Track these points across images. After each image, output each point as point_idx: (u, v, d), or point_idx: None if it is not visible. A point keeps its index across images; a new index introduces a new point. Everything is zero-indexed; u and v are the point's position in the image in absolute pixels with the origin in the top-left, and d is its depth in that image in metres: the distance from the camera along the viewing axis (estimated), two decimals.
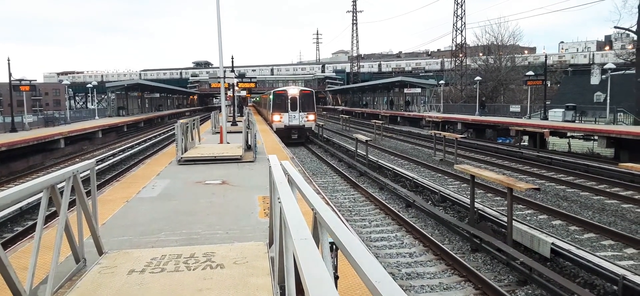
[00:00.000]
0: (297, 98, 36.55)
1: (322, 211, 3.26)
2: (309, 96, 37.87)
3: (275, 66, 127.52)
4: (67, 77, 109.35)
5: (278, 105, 36.64)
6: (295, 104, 36.41)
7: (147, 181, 13.04)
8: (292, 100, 36.41)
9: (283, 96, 36.90)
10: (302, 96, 36.96)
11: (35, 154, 28.73)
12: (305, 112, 36.72)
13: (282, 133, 33.86)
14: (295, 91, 37.49)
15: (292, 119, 36.25)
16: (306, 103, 37.02)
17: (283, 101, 36.49)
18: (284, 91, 37.78)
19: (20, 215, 15.03)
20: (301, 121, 36.50)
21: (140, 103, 71.01)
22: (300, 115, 36.45)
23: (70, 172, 5.23)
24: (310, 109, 37.25)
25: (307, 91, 38.46)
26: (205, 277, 5.27)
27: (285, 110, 36.24)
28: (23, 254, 6.72)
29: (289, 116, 36.24)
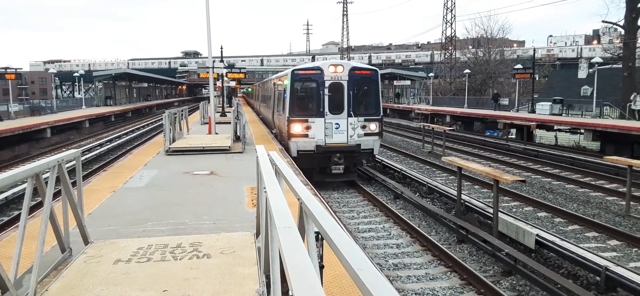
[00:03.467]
0: (344, 86, 17.51)
1: (308, 201, 3.27)
2: (370, 81, 18.46)
3: (265, 57, 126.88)
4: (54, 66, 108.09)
5: (302, 101, 18.14)
6: (340, 98, 17.55)
7: (135, 171, 12.96)
8: (334, 89, 17.54)
9: (314, 82, 17.71)
10: (355, 81, 17.79)
11: (21, 143, 28.38)
12: (362, 116, 17.73)
13: (312, 161, 17.20)
14: (341, 73, 17.61)
15: (333, 132, 17.54)
16: (364, 96, 18.45)
17: (313, 93, 17.77)
18: (316, 72, 17.72)
19: (5, 205, 14.87)
20: (353, 133, 17.63)
21: (128, 93, 70.35)
22: (352, 122, 17.60)
23: (54, 161, 5.18)
24: (371, 109, 18.15)
25: (365, 72, 18.43)
26: (192, 267, 5.28)
27: (318, 112, 17.51)
28: (8, 243, 6.66)
29: (327, 124, 17.48)
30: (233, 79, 37.45)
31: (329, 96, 17.36)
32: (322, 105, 17.40)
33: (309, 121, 17.36)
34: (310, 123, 17.34)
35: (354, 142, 17.57)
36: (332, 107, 17.42)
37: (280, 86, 20.64)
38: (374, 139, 17.91)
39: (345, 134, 17.53)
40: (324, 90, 17.32)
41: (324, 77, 17.37)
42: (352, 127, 17.56)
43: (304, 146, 17.32)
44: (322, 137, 17.38)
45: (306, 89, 18.05)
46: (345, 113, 17.50)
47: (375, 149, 18.14)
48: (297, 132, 17.25)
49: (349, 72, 17.51)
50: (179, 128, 20.02)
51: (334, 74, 17.37)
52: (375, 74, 18.40)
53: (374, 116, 17.93)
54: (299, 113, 17.49)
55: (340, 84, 17.45)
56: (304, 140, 17.31)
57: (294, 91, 17.73)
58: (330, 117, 17.43)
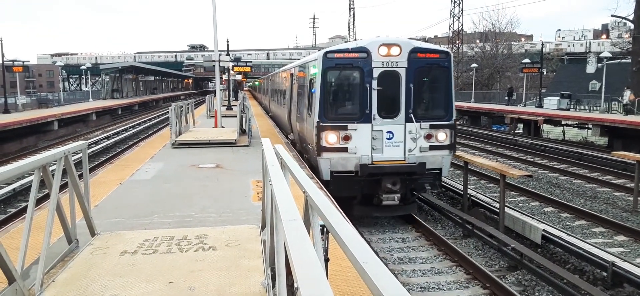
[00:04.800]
0: (401, 76, 11.97)
1: (314, 194, 3.26)
2: (439, 68, 12.51)
3: (271, 50, 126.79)
4: (61, 59, 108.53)
5: (337, 99, 12.91)
6: (395, 93, 12.07)
7: (141, 163, 13.01)
8: (386, 81, 11.98)
9: (357, 69, 12.03)
10: (417, 68, 12.06)
11: (28, 135, 28.58)
12: (427, 120, 12.26)
13: (352, 186, 12.08)
14: (397, 56, 11.90)
15: (383, 144, 12.06)
16: (429, 91, 12.97)
17: (355, 87, 12.25)
18: (360, 55, 11.86)
19: (13, 196, 15.00)
20: (414, 146, 12.17)
21: (134, 86, 70.60)
22: (412, 129, 12.11)
23: (61, 152, 5.20)
24: (440, 110, 12.62)
25: (433, 55, 12.42)
26: (197, 259, 5.29)
27: (362, 114, 11.95)
28: (15, 234, 6.71)
29: (375, 132, 11.97)
30: (239, 73, 37.39)
31: (378, 90, 11.63)
32: (368, 104, 11.62)
33: (349, 128, 11.64)
34: (350, 131, 11.65)
35: (415, 160, 11.87)
36: (382, 108, 11.74)
37: (302, 77, 15.23)
38: (444, 154, 12.18)
39: (402, 148, 11.87)
40: (371, 82, 11.61)
41: (371, 63, 11.60)
42: (412, 137, 11.85)
43: (340, 165, 11.76)
44: (368, 153, 11.71)
45: (344, 81, 12.53)
46: (401, 116, 11.79)
47: (445, 169, 12.50)
48: (331, 144, 11.70)
49: (409, 55, 11.72)
50: (185, 121, 20.07)
51: (386, 57, 11.64)
52: (447, 59, 12.30)
53: (445, 121, 12.16)
54: (334, 117, 11.96)
55: (396, 73, 11.71)
56: (341, 157, 11.71)
57: (327, 83, 11.97)
58: (380, 122, 11.73)
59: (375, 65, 11.73)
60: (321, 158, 11.91)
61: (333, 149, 11.83)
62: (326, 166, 11.97)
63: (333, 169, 11.94)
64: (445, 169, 12.71)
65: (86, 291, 4.45)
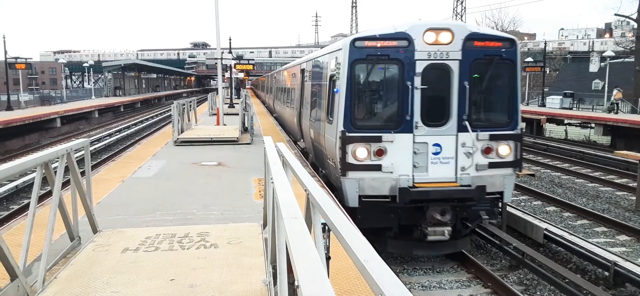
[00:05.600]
0: (453, 71, 9.22)
1: (315, 192, 3.27)
2: (502, 61, 9.51)
3: (274, 48, 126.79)
4: (64, 56, 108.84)
5: (367, 101, 10.06)
6: (444, 93, 9.35)
7: (143, 161, 13.03)
8: (432, 77, 9.24)
9: (395, 62, 9.27)
10: (474, 60, 9.28)
11: (31, 133, 28.65)
12: (485, 129, 9.45)
13: (386, 215, 9.35)
14: (448, 45, 9.13)
15: (428, 160, 9.31)
16: (489, 91, 9.95)
17: (392, 85, 9.56)
18: (400, 42, 9.12)
19: (15, 193, 15.04)
20: (469, 164, 9.34)
21: (137, 83, 70.72)
22: (466, 141, 9.31)
23: (63, 150, 5.21)
24: (502, 114, 9.82)
25: (494, 43, 9.48)
26: (199, 256, 5.30)
27: (400, 121, 9.24)
28: (17, 231, 6.73)
29: (418, 145, 9.24)
30: (241, 71, 37.39)
31: (422, 90, 9.04)
32: (409, 109, 9.06)
33: (384, 139, 9.09)
34: (385, 144, 9.10)
35: (470, 181, 9.24)
36: (427, 113, 9.19)
37: (318, 73, 12.39)
38: (506, 173, 9.56)
39: (453, 166, 9.26)
40: (413, 79, 9.02)
41: (413, 54, 9.01)
42: (467, 151, 9.20)
43: (372, 189, 9.20)
44: (408, 172, 9.16)
45: (377, 78, 9.74)
46: (452, 124, 9.21)
47: (507, 193, 9.75)
48: (360, 160, 9.12)
49: (464, 43, 9.07)
50: (188, 119, 20.09)
51: (433, 46, 9.01)
52: (512, 48, 9.50)
53: (508, 129, 9.56)
54: (364, 124, 9.40)
55: (446, 67, 9.12)
56: (373, 177, 9.14)
57: (354, 80, 9.31)
58: (425, 132, 9.16)
59: (419, 56, 8.99)
60: (346, 179, 9.13)
61: (362, 167, 9.11)
62: (353, 189, 9.17)
63: (362, 193, 9.18)
64: (508, 193, 9.74)
65: (88, 288, 4.46)
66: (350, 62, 9.20)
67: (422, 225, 9.19)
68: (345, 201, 9.34)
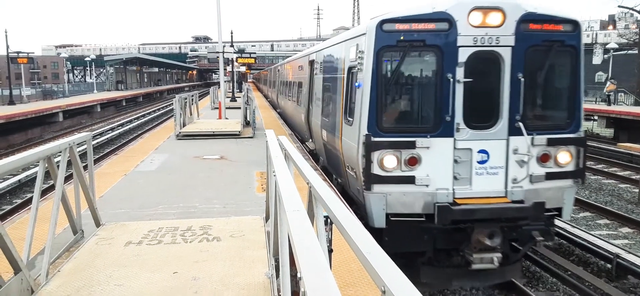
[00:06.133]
0: (504, 60, 7.54)
1: (317, 185, 3.26)
2: (563, 48, 7.78)
3: (276, 42, 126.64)
4: (66, 51, 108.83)
5: (397, 98, 8.29)
6: (492, 88, 7.68)
7: (146, 155, 13.05)
8: (478, 69, 7.55)
9: (432, 49, 7.60)
10: (530, 47, 7.57)
11: (33, 127, 28.73)
12: (542, 131, 7.76)
13: (420, 238, 7.66)
14: (498, 27, 7.43)
15: (472, 170, 7.64)
16: (547, 84, 8.04)
17: (427, 79, 7.97)
18: (439, 24, 7.46)
19: (19, 187, 15.09)
20: (521, 175, 7.68)
21: (139, 78, 70.75)
22: (519, 146, 7.61)
23: (66, 143, 5.22)
24: (563, 112, 8.15)
25: (554, 26, 7.68)
26: (202, 249, 5.32)
27: (438, 122, 7.61)
28: (21, 225, 6.75)
29: (460, 152, 7.59)
30: (243, 64, 37.32)
31: (464, 84, 7.50)
32: (450, 107, 7.52)
33: (418, 145, 7.55)
34: (419, 151, 7.57)
35: (522, 196, 7.68)
36: (472, 113, 7.62)
37: (332, 64, 10.83)
38: (566, 186, 7.95)
39: (502, 177, 7.70)
40: (455, 70, 7.48)
41: (456, 40, 7.43)
42: (520, 158, 7.64)
43: (402, 205, 7.66)
44: (448, 185, 7.62)
45: (410, 69, 8.06)
46: (502, 125, 7.65)
47: (566, 209, 8.07)
48: (388, 170, 7.59)
49: (518, 26, 7.47)
50: (190, 113, 20.10)
51: (479, 30, 7.43)
52: (575, 33, 7.90)
53: (569, 132, 7.96)
54: (393, 127, 7.86)
55: (495, 55, 7.56)
56: (404, 191, 7.61)
57: (382, 72, 7.70)
58: (468, 135, 7.59)
59: (463, 42, 7.38)
60: (371, 193, 7.54)
61: (391, 179, 7.51)
62: (379, 207, 7.57)
63: (391, 210, 7.59)
64: (567, 210, 8.05)
65: (91, 281, 4.48)
66: (377, 50, 7.52)
67: (465, 251, 7.52)
68: (369, 220, 7.62)
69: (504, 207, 7.44)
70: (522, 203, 7.55)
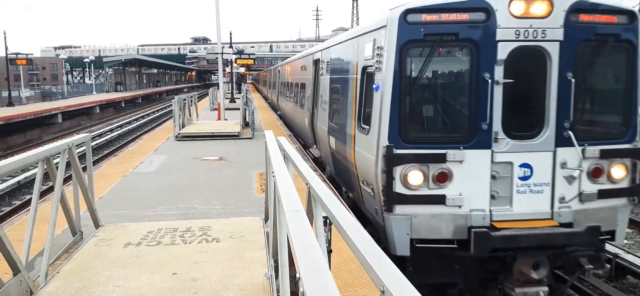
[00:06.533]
0: (551, 57, 6.45)
1: (316, 186, 3.27)
2: (618, 42, 6.66)
3: (275, 43, 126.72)
4: (65, 52, 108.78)
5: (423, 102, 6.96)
6: (536, 90, 6.64)
7: (145, 156, 13.05)
8: (519, 68, 6.46)
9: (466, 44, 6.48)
10: (581, 42, 6.50)
11: (32, 128, 28.71)
12: (595, 141, 6.65)
13: (450, 267, 6.58)
14: (545, 16, 6.33)
15: (513, 188, 6.53)
16: (599, 86, 7.18)
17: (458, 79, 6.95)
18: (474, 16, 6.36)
19: (17, 189, 15.08)
20: (570, 194, 6.62)
21: (138, 79, 70.74)
22: (567, 159, 6.55)
23: (65, 145, 5.23)
24: (618, 117, 6.96)
25: (606, 18, 6.60)
26: (201, 250, 5.32)
27: (472, 130, 6.50)
28: (20, 226, 6.75)
29: (498, 166, 6.50)
30: (242, 65, 37.31)
31: (504, 85, 6.48)
32: (487, 113, 6.51)
33: (450, 158, 6.50)
34: (450, 165, 6.53)
35: (571, 218, 6.67)
36: (512, 120, 6.62)
37: (342, 64, 9.77)
38: (620, 205, 6.94)
39: (548, 195, 6.66)
40: (494, 69, 6.45)
41: (494, 33, 6.40)
42: (569, 174, 6.65)
43: (430, 230, 6.63)
44: (484, 206, 6.58)
45: (439, 68, 7.01)
46: (548, 134, 6.61)
47: (620, 232, 7.03)
48: (413, 188, 6.56)
49: (567, 17, 6.44)
50: (189, 114, 20.10)
51: (522, 21, 6.41)
52: (632, 25, 6.79)
53: (624, 142, 6.90)
54: (419, 136, 6.80)
55: (541, 51, 6.53)
56: (432, 213, 6.59)
57: (406, 72, 6.65)
58: (508, 146, 6.56)
59: (503, 36, 6.32)
60: (393, 215, 6.50)
61: (416, 198, 6.47)
62: (402, 230, 6.52)
63: (416, 235, 6.53)
64: (621, 233, 7.00)
65: (90, 283, 4.48)
66: (401, 46, 6.42)
67: (505, 284, 6.50)
68: (390, 246, 6.56)
69: (553, 233, 6.28)
70: (570, 226, 6.48)
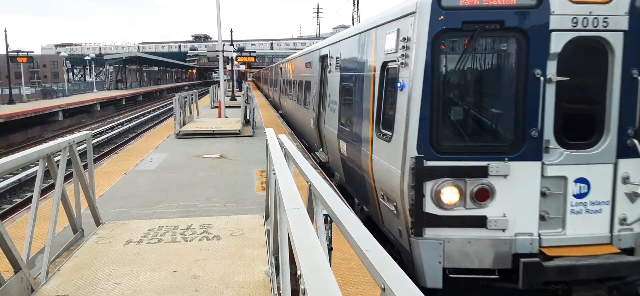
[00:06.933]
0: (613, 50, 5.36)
1: (317, 183, 3.27)
2: None
3: (275, 41, 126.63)
4: (65, 50, 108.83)
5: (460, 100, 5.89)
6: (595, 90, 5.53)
7: (145, 154, 13.06)
8: (578, 60, 5.47)
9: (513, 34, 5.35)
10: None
11: (33, 126, 28.72)
12: None
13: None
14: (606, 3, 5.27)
15: (566, 207, 5.49)
16: None
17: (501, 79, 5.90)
18: (523, 2, 5.25)
19: (18, 187, 15.09)
20: (633, 213, 5.57)
21: (138, 77, 70.73)
22: (630, 173, 5.49)
23: (66, 142, 5.23)
24: None
25: None
26: (202, 248, 5.32)
27: (518, 139, 5.40)
28: (21, 224, 6.76)
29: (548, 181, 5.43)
30: (243, 63, 37.30)
31: (556, 84, 5.36)
32: (538, 117, 5.35)
33: (492, 171, 5.39)
34: (492, 180, 5.43)
35: (632, 242, 5.63)
36: (566, 126, 5.53)
37: (354, 57, 8.70)
38: None
39: (607, 216, 5.62)
40: (546, 64, 5.32)
41: (548, 21, 5.27)
42: (632, 190, 5.57)
43: (466, 256, 5.52)
44: (532, 229, 5.49)
45: (480, 63, 5.90)
46: (610, 143, 5.53)
47: None
48: (447, 207, 5.48)
49: (634, 1, 5.34)
50: (189, 112, 20.10)
51: (580, 6, 5.30)
52: None
53: None
54: (453, 146, 5.69)
55: (600, 42, 5.42)
56: (469, 237, 5.49)
57: (438, 69, 5.52)
58: (561, 158, 5.47)
59: (558, 24, 5.28)
60: (423, 240, 5.50)
61: (451, 219, 5.47)
62: (433, 258, 5.51)
63: (450, 264, 5.55)
64: None
65: (91, 280, 4.49)
66: (433, 36, 5.36)
67: None
68: (418, 275, 5.64)
69: (617, 262, 5.31)
70: (631, 252, 5.52)
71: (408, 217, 5.54)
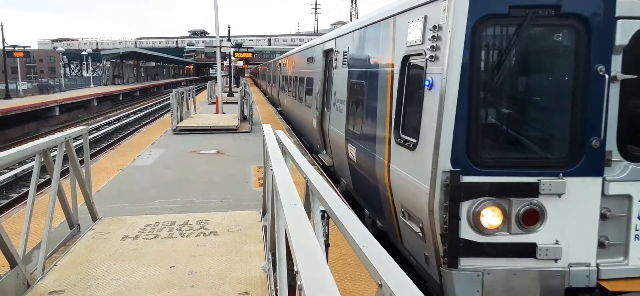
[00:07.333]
0: None
1: (314, 179, 3.26)
2: None
3: (273, 37, 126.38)
4: (62, 44, 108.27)
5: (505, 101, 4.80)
6: None
7: (142, 149, 13.03)
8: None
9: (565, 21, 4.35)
10: None
11: (29, 121, 28.62)
12: None
13: None
14: None
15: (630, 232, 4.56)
16: None
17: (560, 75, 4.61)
18: None
19: (15, 182, 15.05)
20: None
21: (135, 72, 70.57)
22: None
23: (62, 137, 5.21)
24: None
25: None
26: (199, 244, 5.32)
27: (575, 149, 4.44)
28: (17, 220, 6.74)
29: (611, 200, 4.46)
30: (240, 59, 37.21)
31: (621, 83, 4.40)
32: (601, 123, 4.40)
33: (543, 188, 4.43)
34: (544, 199, 4.47)
35: None
36: (630, 134, 4.57)
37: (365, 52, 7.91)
38: None
39: None
40: (610, 59, 4.34)
41: (614, 6, 4.30)
42: None
43: (510, 291, 4.60)
44: (590, 258, 4.58)
45: (529, 58, 4.78)
46: None
47: None
48: (487, 232, 4.52)
49: None
50: (187, 108, 20.06)
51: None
52: None
53: None
54: (496, 157, 4.66)
55: None
56: (514, 267, 4.57)
57: (477, 63, 4.50)
58: (625, 172, 4.50)
59: (624, 11, 4.37)
60: (457, 272, 4.64)
61: (492, 247, 4.59)
62: (470, 293, 4.65)
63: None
64: None
65: (88, 276, 4.48)
66: (474, 23, 4.42)
67: None
68: None
69: None
70: None
71: (439, 243, 4.62)
